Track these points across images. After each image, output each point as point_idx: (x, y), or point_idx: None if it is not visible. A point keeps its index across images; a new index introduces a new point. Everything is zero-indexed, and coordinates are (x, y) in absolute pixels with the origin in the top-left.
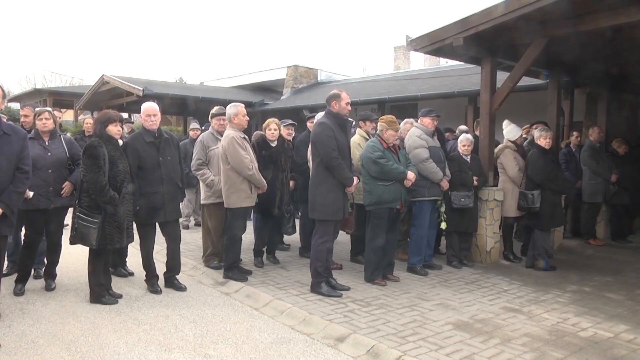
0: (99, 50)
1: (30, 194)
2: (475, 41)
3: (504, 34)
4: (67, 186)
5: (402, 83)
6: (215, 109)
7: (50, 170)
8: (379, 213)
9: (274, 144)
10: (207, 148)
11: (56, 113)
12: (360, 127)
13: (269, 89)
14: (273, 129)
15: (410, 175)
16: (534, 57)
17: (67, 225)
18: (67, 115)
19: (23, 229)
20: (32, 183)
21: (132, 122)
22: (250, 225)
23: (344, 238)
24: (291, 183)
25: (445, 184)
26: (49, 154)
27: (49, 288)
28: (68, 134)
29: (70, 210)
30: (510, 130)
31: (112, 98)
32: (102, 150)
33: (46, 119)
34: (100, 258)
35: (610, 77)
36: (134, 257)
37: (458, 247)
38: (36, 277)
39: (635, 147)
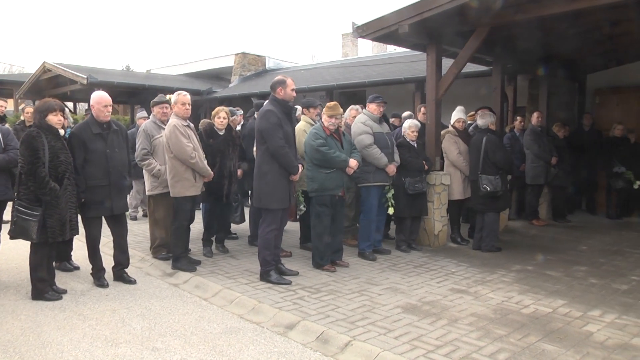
0: (40, 37)
1: None
2: (421, 28)
3: (448, 22)
4: None
5: (350, 70)
6: (156, 98)
7: None
8: (321, 200)
9: (221, 133)
10: (151, 137)
11: (0, 102)
12: (304, 114)
13: (217, 76)
14: (222, 117)
15: (352, 162)
16: (478, 44)
17: (8, 221)
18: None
19: None
20: None
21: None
22: (199, 215)
23: (294, 226)
24: (239, 172)
25: (391, 170)
26: None
27: None
28: (6, 125)
29: (10, 204)
30: (452, 116)
31: (55, 86)
32: (40, 140)
33: None
34: (42, 252)
35: (549, 64)
36: (79, 250)
37: (409, 232)
38: None
39: (574, 131)
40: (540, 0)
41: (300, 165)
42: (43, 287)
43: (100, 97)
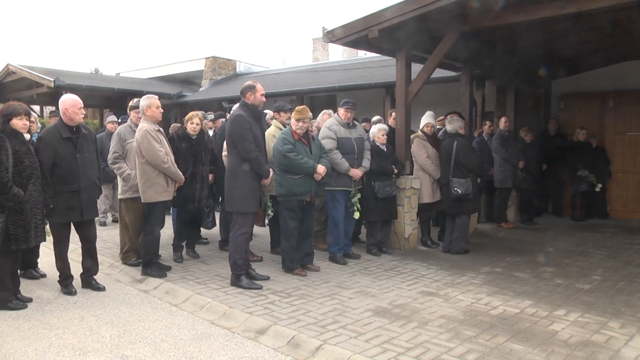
0: (3, 39)
1: None
2: (390, 33)
3: (417, 27)
4: None
5: (320, 74)
6: (133, 101)
7: None
8: (288, 204)
9: (194, 137)
10: (124, 141)
11: None
12: (275, 119)
13: (188, 80)
14: (195, 123)
15: (320, 169)
16: (446, 50)
17: None
18: None
19: None
20: None
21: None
22: (168, 220)
23: (264, 230)
24: (210, 176)
25: (354, 174)
26: None
27: None
28: None
29: None
30: (421, 120)
31: (20, 89)
32: (4, 145)
33: None
34: (5, 260)
35: (516, 70)
36: (46, 257)
37: (380, 236)
38: None
39: (540, 136)
40: (506, 9)
41: (271, 169)
42: (7, 296)
43: (74, 100)
